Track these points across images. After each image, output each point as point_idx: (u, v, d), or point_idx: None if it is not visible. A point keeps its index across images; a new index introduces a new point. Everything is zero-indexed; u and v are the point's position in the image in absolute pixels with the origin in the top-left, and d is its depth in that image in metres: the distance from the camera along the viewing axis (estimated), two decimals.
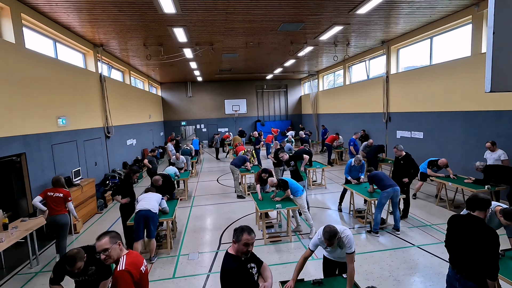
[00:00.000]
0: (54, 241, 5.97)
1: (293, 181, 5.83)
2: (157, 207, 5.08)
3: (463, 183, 6.51)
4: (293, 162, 6.58)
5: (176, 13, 6.80)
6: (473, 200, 2.87)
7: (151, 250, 5.00)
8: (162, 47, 10.14)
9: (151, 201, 5.05)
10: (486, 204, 2.78)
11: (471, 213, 2.88)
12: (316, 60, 14.56)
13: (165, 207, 5.42)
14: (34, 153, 6.14)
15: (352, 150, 10.61)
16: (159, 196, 5.35)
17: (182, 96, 21.16)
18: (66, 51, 8.47)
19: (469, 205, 2.91)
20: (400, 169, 6.44)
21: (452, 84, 8.45)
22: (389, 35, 10.23)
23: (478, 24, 7.51)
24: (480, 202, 2.81)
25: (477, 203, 2.82)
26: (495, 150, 6.60)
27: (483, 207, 2.79)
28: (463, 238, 2.82)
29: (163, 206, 5.40)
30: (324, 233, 3.05)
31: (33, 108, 6.22)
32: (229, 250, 2.60)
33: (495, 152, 6.57)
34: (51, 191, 5.07)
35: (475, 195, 2.88)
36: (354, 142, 10.72)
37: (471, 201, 2.90)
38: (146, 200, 5.06)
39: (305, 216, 5.74)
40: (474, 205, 2.84)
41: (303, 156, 6.76)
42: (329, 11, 7.44)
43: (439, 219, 6.25)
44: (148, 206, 4.91)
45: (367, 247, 5.15)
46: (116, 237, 2.44)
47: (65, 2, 6.11)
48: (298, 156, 6.66)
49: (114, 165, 10.71)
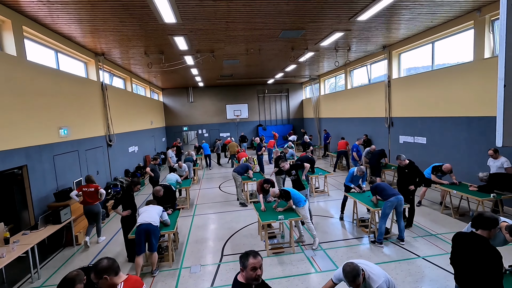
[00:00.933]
0: (55, 253, 5.98)
1: (295, 191, 5.77)
2: (158, 220, 5.03)
3: (467, 191, 6.42)
4: (294, 171, 6.52)
5: (176, 22, 6.80)
6: (478, 218, 2.82)
7: (152, 264, 4.95)
8: (163, 55, 10.17)
9: (152, 214, 5.00)
10: (490, 224, 2.74)
11: (475, 231, 2.82)
12: (317, 65, 14.54)
13: (166, 219, 5.37)
14: (35, 165, 6.13)
15: (355, 156, 10.47)
16: (160, 209, 5.30)
17: (184, 102, 21.20)
18: (67, 61, 8.50)
19: (473, 223, 2.87)
20: (405, 177, 6.36)
21: (454, 89, 8.38)
22: (390, 40, 10.19)
23: (480, 29, 7.45)
24: (484, 221, 2.76)
25: (482, 222, 2.77)
26: (498, 157, 6.52)
27: (487, 226, 2.75)
28: (467, 257, 2.77)
29: (164, 219, 5.34)
30: (346, 275, 2.75)
31: (35, 120, 6.23)
32: (238, 278, 2.46)
33: (498, 159, 6.49)
34: (85, 187, 6.30)
35: (481, 214, 2.83)
36: (357, 148, 10.57)
37: (475, 219, 2.85)
38: (147, 213, 5.01)
39: (308, 227, 5.67)
40: (478, 223, 2.80)
41: (304, 165, 6.69)
42: (329, 18, 7.42)
43: (444, 228, 6.16)
44: (149, 219, 4.87)
45: (372, 258, 5.07)
46: (104, 271, 2.41)
47: (66, 14, 6.13)
48: (299, 165, 6.61)
49: (116, 173, 10.71)
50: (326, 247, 5.62)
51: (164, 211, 5.40)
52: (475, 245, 2.72)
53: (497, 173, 6.26)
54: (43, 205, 6.25)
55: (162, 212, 5.31)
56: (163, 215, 5.32)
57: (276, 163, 9.02)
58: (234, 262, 5.22)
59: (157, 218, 5.03)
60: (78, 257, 5.86)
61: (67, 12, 6.07)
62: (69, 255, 5.95)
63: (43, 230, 5.50)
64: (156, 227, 4.90)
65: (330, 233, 6.29)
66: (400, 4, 6.71)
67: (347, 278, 2.73)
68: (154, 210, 5.14)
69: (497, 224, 2.77)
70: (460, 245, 2.86)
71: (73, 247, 6.30)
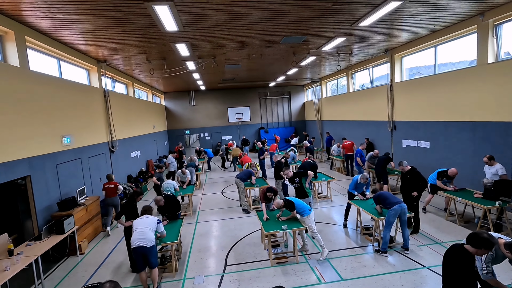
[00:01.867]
0: (59, 262, 5.98)
1: (299, 201, 5.72)
2: (152, 238, 4.70)
3: (472, 198, 6.36)
4: (297, 179, 6.49)
5: (178, 30, 6.80)
6: (473, 234, 2.90)
7: (153, 280, 4.75)
8: (165, 61, 10.19)
9: (145, 232, 4.66)
10: (480, 243, 2.78)
11: (464, 244, 2.93)
12: (319, 68, 14.52)
13: (162, 232, 5.06)
14: (39, 174, 6.15)
15: (359, 161, 10.36)
16: (154, 221, 4.91)
17: (186, 105, 21.23)
18: (70, 68, 8.53)
19: (467, 237, 2.94)
20: (407, 183, 6.35)
21: (458, 94, 8.32)
22: (392, 43, 10.15)
23: (483, 34, 7.39)
24: (476, 239, 2.82)
25: (473, 238, 2.85)
26: (493, 164, 6.53)
27: (476, 244, 2.81)
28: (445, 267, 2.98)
29: (160, 231, 5.03)
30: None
31: (38, 130, 6.24)
32: None
33: (493, 166, 6.49)
34: (107, 184, 7.74)
35: (477, 233, 2.89)
36: (360, 153, 10.45)
37: (470, 234, 2.94)
38: (140, 231, 4.68)
39: (315, 237, 5.55)
40: (469, 238, 2.89)
41: (307, 172, 6.65)
42: (331, 24, 7.40)
43: (449, 236, 6.10)
44: (143, 241, 4.58)
45: (376, 268, 5.03)
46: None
47: (69, 23, 6.14)
48: (303, 173, 6.57)
49: (119, 178, 10.70)
50: (330, 256, 5.58)
51: (160, 222, 5.03)
52: (455, 257, 2.89)
53: (502, 180, 6.20)
54: (46, 215, 6.26)
55: (158, 223, 4.95)
56: (159, 227, 4.98)
57: (276, 168, 8.99)
58: (238, 273, 5.20)
59: (151, 236, 4.68)
60: (81, 267, 5.86)
61: (70, 22, 6.08)
62: (73, 265, 5.95)
63: (47, 241, 5.51)
64: (152, 247, 4.64)
65: (334, 241, 6.25)
66: (402, 10, 6.68)
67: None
68: (147, 225, 4.76)
69: (488, 247, 2.78)
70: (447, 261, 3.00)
71: (76, 256, 6.31)
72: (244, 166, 10.61)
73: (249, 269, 5.30)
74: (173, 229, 5.77)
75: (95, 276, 5.48)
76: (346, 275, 4.89)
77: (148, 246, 4.61)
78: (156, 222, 4.94)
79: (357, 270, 5.05)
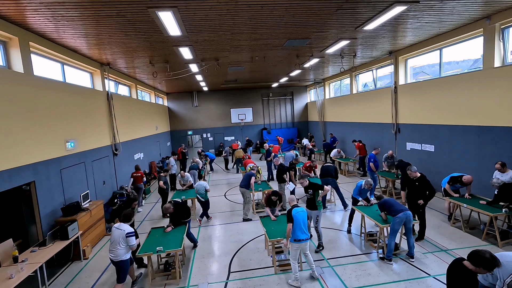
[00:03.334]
0: (63, 268, 5.99)
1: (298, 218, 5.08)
2: (120, 253, 4.57)
3: (478, 205, 6.29)
4: (311, 191, 6.07)
5: (181, 35, 6.78)
6: (473, 252, 2.88)
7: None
8: (168, 64, 10.17)
9: (114, 245, 4.60)
10: (479, 262, 2.76)
11: (463, 260, 2.93)
12: (322, 69, 14.45)
13: (132, 245, 4.66)
14: (43, 180, 6.16)
15: (372, 167, 9.62)
16: (123, 235, 4.61)
17: (188, 106, 21.23)
18: (73, 72, 8.54)
19: (469, 253, 2.92)
20: (415, 190, 6.24)
21: (463, 97, 8.24)
22: (396, 46, 10.07)
23: (490, 37, 7.30)
24: (474, 256, 2.82)
25: (473, 256, 2.83)
26: (506, 171, 6.28)
27: (475, 262, 2.79)
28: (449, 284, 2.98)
29: (130, 244, 4.64)
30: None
31: (42, 135, 6.25)
32: None
33: (506, 173, 6.25)
34: (135, 173, 9.89)
35: (479, 251, 2.84)
36: (374, 158, 9.74)
37: (472, 251, 2.91)
38: (111, 242, 4.65)
39: (293, 267, 4.95)
40: (470, 255, 2.87)
41: (323, 187, 6.09)
42: (335, 28, 7.34)
43: (455, 243, 6.05)
44: (111, 254, 4.59)
45: (381, 277, 5.00)
46: None
47: (72, 29, 6.14)
48: (319, 186, 6.09)
49: (122, 181, 10.74)
50: (334, 264, 5.55)
51: (130, 236, 4.63)
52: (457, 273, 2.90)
53: (510, 183, 6.08)
54: (51, 220, 6.28)
55: (128, 237, 4.61)
56: (129, 240, 4.61)
57: (278, 171, 8.89)
58: (241, 280, 5.19)
59: (119, 252, 4.56)
60: (86, 273, 5.87)
61: (73, 28, 6.08)
62: (77, 270, 5.97)
63: (51, 247, 5.53)
64: (118, 262, 4.57)
65: (338, 247, 6.22)
66: (408, 14, 6.61)
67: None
68: (117, 238, 4.60)
69: (487, 268, 2.74)
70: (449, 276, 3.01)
71: (80, 262, 6.32)
72: (247, 168, 10.57)
73: (253, 276, 5.28)
74: (177, 235, 5.76)
75: (100, 282, 5.49)
76: (351, 284, 4.86)
77: (115, 260, 4.58)
78: (125, 235, 4.61)
79: (361, 278, 5.02)
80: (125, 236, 4.61)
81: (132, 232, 4.69)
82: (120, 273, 4.65)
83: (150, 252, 5.08)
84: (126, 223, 4.82)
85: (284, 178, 8.88)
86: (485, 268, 2.74)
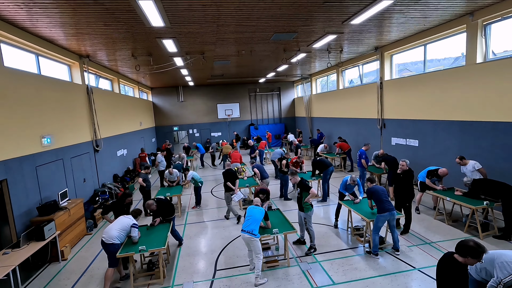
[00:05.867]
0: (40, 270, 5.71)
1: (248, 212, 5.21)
2: (114, 235, 4.87)
3: (460, 198, 6.42)
4: (299, 189, 5.84)
5: (164, 26, 6.52)
6: (459, 243, 2.87)
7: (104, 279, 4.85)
8: (151, 57, 9.83)
9: (111, 229, 4.93)
10: (466, 252, 2.75)
11: (454, 254, 2.89)
12: (309, 65, 14.41)
13: (134, 237, 5.08)
14: (16, 178, 5.80)
15: (363, 163, 9.52)
16: (128, 223, 5.09)
17: (174, 101, 20.78)
18: (49, 64, 8.09)
19: (456, 246, 2.91)
20: (401, 184, 6.32)
21: (446, 92, 8.37)
22: (382, 41, 10.12)
23: (472, 34, 7.42)
24: (460, 247, 2.81)
25: (459, 247, 2.82)
26: (466, 163, 6.74)
27: (463, 253, 2.78)
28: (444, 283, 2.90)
29: (132, 235, 5.09)
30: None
31: (15, 130, 5.88)
32: None
33: (467, 165, 6.69)
34: (141, 154, 13.76)
35: (463, 241, 2.84)
36: (365, 154, 9.64)
37: (458, 243, 2.90)
38: (108, 227, 4.98)
39: (256, 264, 4.90)
40: (457, 247, 2.86)
41: (310, 190, 5.65)
42: (322, 22, 7.26)
43: (438, 235, 6.15)
44: (104, 235, 4.88)
45: (368, 271, 5.01)
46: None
47: (47, 17, 5.77)
48: (306, 187, 5.68)
49: (104, 179, 10.37)
50: (322, 259, 5.53)
51: (134, 227, 5.10)
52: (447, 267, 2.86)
53: (481, 179, 6.32)
54: (26, 220, 5.93)
55: (132, 227, 5.08)
56: (132, 231, 5.07)
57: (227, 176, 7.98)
58: (228, 278, 5.08)
59: (113, 234, 4.87)
60: (64, 275, 5.60)
61: (48, 16, 5.71)
62: (55, 272, 5.68)
63: (26, 248, 5.22)
64: (109, 245, 4.81)
65: (325, 243, 6.20)
66: (394, 8, 6.59)
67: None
68: (117, 224, 5.01)
69: (475, 256, 2.73)
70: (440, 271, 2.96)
71: (58, 263, 6.03)
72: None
73: (239, 273, 5.18)
74: (161, 233, 5.58)
75: (79, 284, 5.25)
76: (338, 279, 4.84)
77: (106, 242, 4.78)
78: (130, 224, 5.05)
79: (348, 273, 5.01)
80: (130, 225, 5.02)
81: (137, 225, 5.15)
82: (111, 256, 4.77)
83: (132, 252, 4.88)
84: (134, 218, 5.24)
85: (229, 186, 7.87)
86: (473, 257, 2.72)
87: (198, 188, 9.00)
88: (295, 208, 7.20)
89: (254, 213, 5.09)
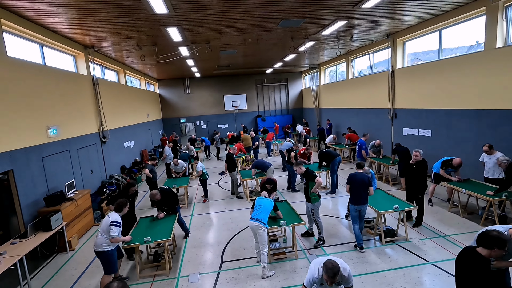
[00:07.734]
0: (48, 260, 5.72)
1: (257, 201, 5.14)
2: (101, 243, 4.29)
3: (477, 190, 6.12)
4: (305, 179, 5.72)
5: (168, 13, 6.33)
6: (482, 235, 2.66)
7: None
8: (156, 47, 9.67)
9: (98, 235, 4.34)
10: (492, 243, 2.54)
11: (476, 248, 2.68)
12: (318, 54, 14.03)
13: (113, 236, 4.25)
14: (23, 169, 5.79)
15: (363, 154, 9.54)
16: (107, 223, 4.30)
17: (181, 93, 20.68)
18: (54, 55, 8.03)
19: (477, 238, 2.70)
20: (414, 175, 6.05)
21: (462, 80, 7.98)
22: (394, 27, 9.70)
23: (492, 17, 6.99)
24: (487, 239, 2.59)
25: (484, 239, 2.61)
26: (493, 153, 6.25)
27: (488, 245, 2.57)
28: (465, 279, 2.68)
29: (110, 234, 4.24)
30: (327, 270, 2.74)
31: (20, 121, 5.84)
32: None
33: (494, 155, 6.22)
34: (163, 138, 16.24)
35: (487, 231, 2.63)
36: (364, 145, 9.65)
37: (480, 235, 2.70)
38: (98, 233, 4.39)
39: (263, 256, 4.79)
40: (480, 240, 2.65)
41: (316, 179, 5.47)
42: (331, 6, 6.95)
43: (453, 228, 5.92)
44: (94, 245, 4.35)
45: (378, 265, 4.84)
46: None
47: (49, 5, 5.65)
48: (311, 176, 5.53)
49: (112, 170, 10.40)
50: (331, 251, 5.38)
51: (113, 225, 4.28)
52: (469, 262, 2.65)
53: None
54: (33, 211, 5.94)
55: (110, 225, 4.26)
56: (111, 229, 4.25)
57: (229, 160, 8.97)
58: (234, 270, 4.99)
59: (99, 241, 4.29)
60: (71, 265, 5.61)
61: (51, 4, 5.60)
62: (62, 263, 5.70)
63: (33, 239, 5.23)
64: (99, 253, 4.30)
65: (334, 235, 6.04)
66: None
67: (328, 274, 2.72)
68: (102, 227, 4.34)
69: (501, 246, 2.53)
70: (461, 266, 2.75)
71: (66, 253, 6.05)
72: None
73: (246, 266, 5.08)
74: (166, 224, 5.51)
75: (86, 274, 5.25)
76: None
77: (96, 251, 4.33)
78: (109, 223, 4.25)
79: (358, 266, 4.86)
80: (109, 224, 4.25)
81: (117, 222, 4.32)
82: (104, 264, 4.40)
83: (138, 243, 4.82)
84: (117, 213, 4.49)
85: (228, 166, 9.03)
86: (500, 247, 2.53)
87: (205, 181, 8.88)
88: (303, 200, 7.02)
89: (264, 202, 4.97)
